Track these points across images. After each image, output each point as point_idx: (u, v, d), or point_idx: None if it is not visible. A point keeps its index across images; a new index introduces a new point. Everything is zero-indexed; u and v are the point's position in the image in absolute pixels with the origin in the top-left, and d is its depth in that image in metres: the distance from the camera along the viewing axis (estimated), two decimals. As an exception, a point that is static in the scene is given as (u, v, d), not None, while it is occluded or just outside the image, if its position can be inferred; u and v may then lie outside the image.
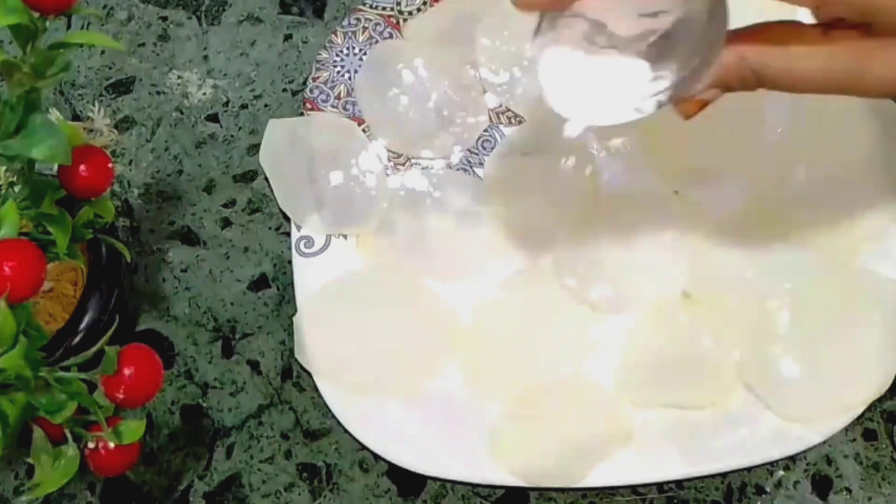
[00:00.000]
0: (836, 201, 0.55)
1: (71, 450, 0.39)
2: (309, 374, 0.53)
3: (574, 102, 0.38)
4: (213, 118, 0.63)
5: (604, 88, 0.38)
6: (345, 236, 0.57)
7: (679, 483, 0.52)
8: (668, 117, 0.58)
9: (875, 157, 0.55)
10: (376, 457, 0.52)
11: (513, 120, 0.60)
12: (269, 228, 0.60)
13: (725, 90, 0.39)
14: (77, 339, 0.49)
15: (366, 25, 0.62)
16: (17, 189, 0.42)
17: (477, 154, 0.60)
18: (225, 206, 0.60)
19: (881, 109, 0.56)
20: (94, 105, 0.59)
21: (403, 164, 0.59)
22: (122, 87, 0.64)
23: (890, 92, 0.36)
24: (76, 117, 0.63)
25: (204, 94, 0.64)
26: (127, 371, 0.39)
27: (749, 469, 0.51)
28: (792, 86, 0.37)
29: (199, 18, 0.66)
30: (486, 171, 0.59)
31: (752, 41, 0.37)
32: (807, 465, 0.52)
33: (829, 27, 0.36)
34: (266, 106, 0.63)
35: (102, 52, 0.65)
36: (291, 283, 0.56)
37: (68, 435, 0.39)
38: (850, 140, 0.56)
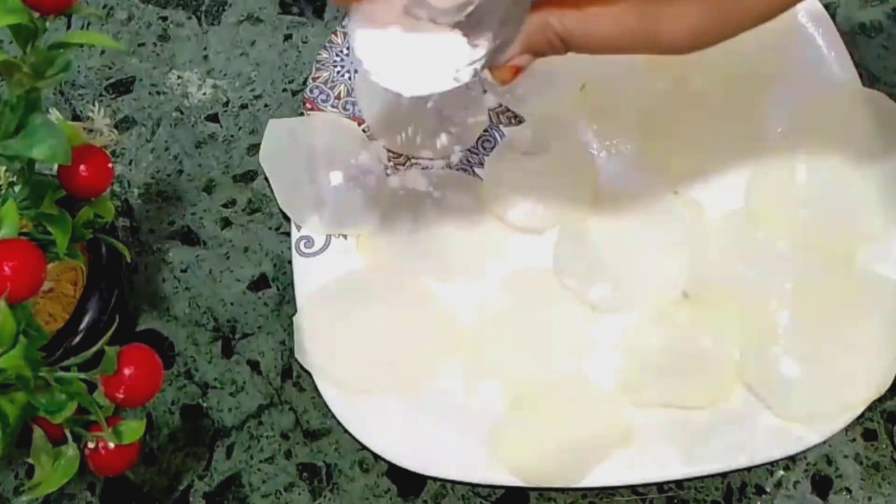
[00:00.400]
0: (837, 201, 0.55)
1: (71, 450, 0.39)
2: (309, 374, 0.53)
3: (393, 73, 0.39)
4: (213, 118, 0.63)
5: (422, 59, 0.39)
6: (345, 236, 0.57)
7: (679, 483, 0.52)
8: (668, 118, 0.59)
9: (875, 158, 0.55)
10: (376, 457, 0.52)
11: (513, 120, 0.60)
12: (269, 228, 0.60)
13: (536, 55, 0.40)
14: (77, 339, 0.49)
15: (366, 25, 0.61)
16: (17, 189, 0.42)
17: (477, 154, 0.60)
18: (225, 206, 0.60)
19: (882, 110, 0.56)
20: (94, 105, 0.59)
21: (403, 164, 0.59)
22: (122, 86, 0.64)
23: (681, 49, 0.38)
24: (76, 117, 0.63)
25: (204, 94, 0.64)
26: (127, 371, 0.39)
27: (749, 469, 0.51)
28: (594, 47, 0.39)
29: (199, 18, 0.66)
30: (486, 171, 0.59)
31: (554, 6, 0.38)
32: (807, 465, 0.52)
33: None
34: (266, 106, 0.63)
35: (102, 52, 0.65)
36: (291, 283, 0.56)
37: (68, 435, 0.39)
38: (851, 140, 0.56)
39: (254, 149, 0.61)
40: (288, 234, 0.58)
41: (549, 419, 0.52)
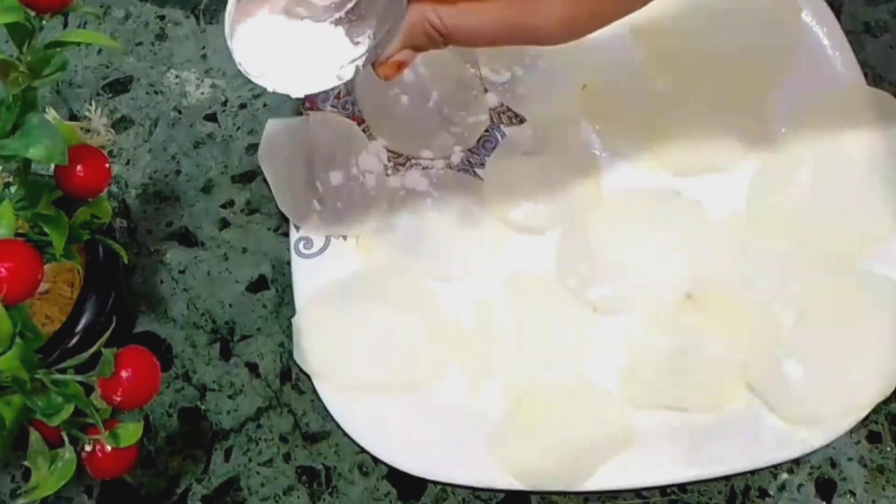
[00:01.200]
0: (841, 202, 0.55)
1: (68, 453, 0.39)
2: (308, 376, 0.53)
3: (276, 75, 0.40)
4: (212, 118, 0.63)
5: (304, 59, 0.40)
6: (345, 237, 0.57)
7: (682, 486, 0.51)
8: (670, 118, 0.58)
9: (880, 158, 0.55)
10: (376, 460, 0.52)
11: (513, 120, 0.60)
12: (268, 229, 0.59)
13: (417, 50, 0.41)
14: (74, 341, 0.49)
15: (365, 24, 0.61)
16: (13, 189, 0.42)
17: (477, 154, 0.59)
18: (223, 206, 0.60)
19: (887, 109, 0.56)
20: (91, 104, 0.59)
21: (403, 164, 0.59)
22: (120, 86, 0.64)
23: (553, 39, 0.39)
24: (73, 117, 0.62)
25: (202, 93, 0.63)
26: (124, 373, 0.39)
27: (753, 472, 0.51)
28: (471, 40, 0.40)
29: (196, 17, 0.66)
30: (486, 171, 0.59)
31: (433, 4, 0.39)
32: (811, 467, 0.52)
33: None
34: (265, 105, 0.63)
35: (99, 51, 0.65)
36: (290, 285, 0.55)
37: (65, 438, 0.39)
38: (855, 140, 0.56)
39: (252, 149, 0.61)
40: (287, 235, 0.57)
41: (551, 421, 0.52)
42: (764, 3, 0.60)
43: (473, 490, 0.52)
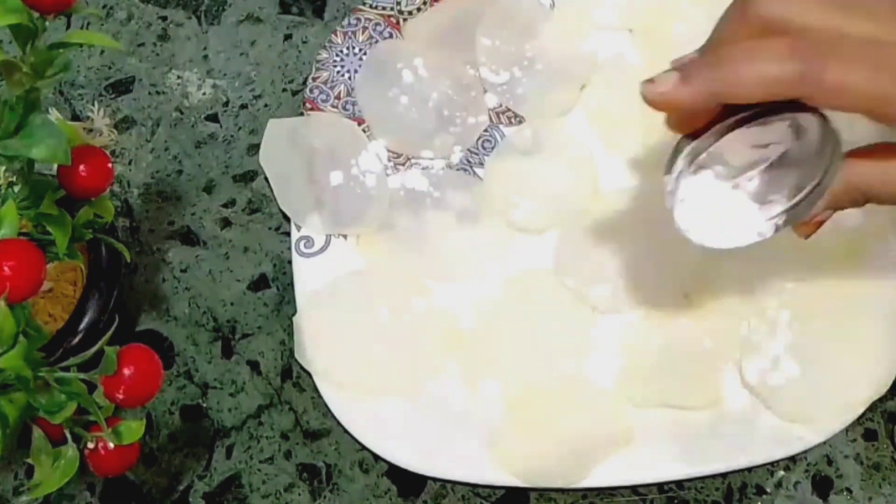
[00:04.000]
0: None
1: (70, 450, 0.39)
2: (309, 374, 0.53)
3: (705, 230, 0.42)
4: (213, 118, 0.63)
5: (727, 215, 0.42)
6: (345, 236, 0.57)
7: (679, 483, 0.52)
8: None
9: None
10: (376, 457, 0.52)
11: (513, 120, 0.60)
12: (269, 228, 0.60)
13: (837, 209, 0.42)
14: (77, 339, 0.49)
15: (366, 25, 0.62)
16: (16, 189, 0.42)
17: (477, 154, 0.59)
18: (225, 206, 0.60)
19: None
20: (93, 105, 0.59)
21: (403, 164, 0.59)
22: (122, 86, 0.64)
23: None
24: (76, 117, 0.63)
25: (204, 93, 0.63)
26: (126, 371, 0.39)
27: (749, 469, 0.51)
28: (893, 200, 0.40)
29: (198, 18, 0.66)
30: (486, 171, 0.59)
31: (860, 165, 0.40)
32: (807, 465, 0.52)
33: None
34: (266, 106, 0.63)
35: (102, 51, 0.65)
36: (291, 284, 0.56)
37: (68, 435, 0.39)
38: (851, 139, 0.56)
39: (254, 149, 0.61)
40: (288, 234, 0.58)
41: (550, 419, 0.52)
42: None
43: (473, 487, 0.52)
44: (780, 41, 0.37)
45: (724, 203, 0.41)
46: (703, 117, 0.40)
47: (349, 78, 0.61)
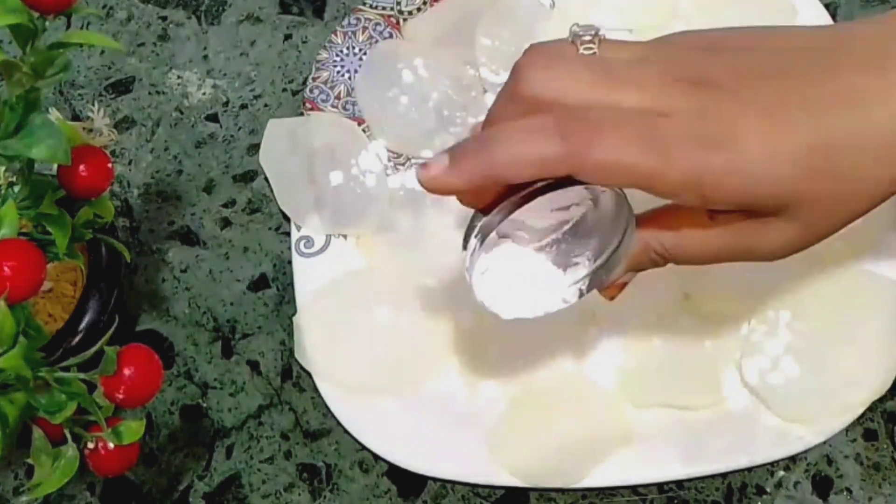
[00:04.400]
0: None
1: (70, 450, 0.39)
2: (309, 374, 0.53)
3: (509, 303, 0.42)
4: (213, 118, 0.63)
5: (530, 284, 0.42)
6: (345, 236, 0.57)
7: (679, 483, 0.52)
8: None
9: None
10: (376, 457, 0.52)
11: (513, 120, 0.60)
12: (269, 228, 0.60)
13: (639, 271, 0.43)
14: (77, 339, 0.49)
15: (366, 25, 0.62)
16: (16, 189, 0.42)
17: (477, 154, 0.59)
18: (225, 206, 0.60)
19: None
20: (93, 105, 0.59)
21: (403, 164, 0.59)
22: (122, 86, 0.64)
23: (777, 257, 0.40)
24: (76, 117, 0.63)
25: (204, 93, 0.64)
26: (126, 371, 0.39)
27: (749, 469, 0.51)
28: (692, 261, 0.41)
29: (198, 18, 0.66)
30: (486, 171, 0.59)
31: (652, 228, 0.41)
32: (807, 465, 0.52)
33: (714, 212, 0.39)
34: (266, 106, 0.63)
35: (102, 51, 0.65)
36: (291, 284, 0.56)
37: (68, 435, 0.39)
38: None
39: (254, 149, 0.61)
40: (288, 234, 0.58)
41: (549, 419, 0.52)
42: (760, 5, 0.60)
43: (473, 487, 0.52)
44: (546, 119, 0.36)
45: (527, 271, 0.41)
46: (491, 193, 0.39)
47: (349, 78, 0.61)
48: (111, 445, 0.40)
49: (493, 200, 0.39)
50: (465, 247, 0.40)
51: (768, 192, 0.37)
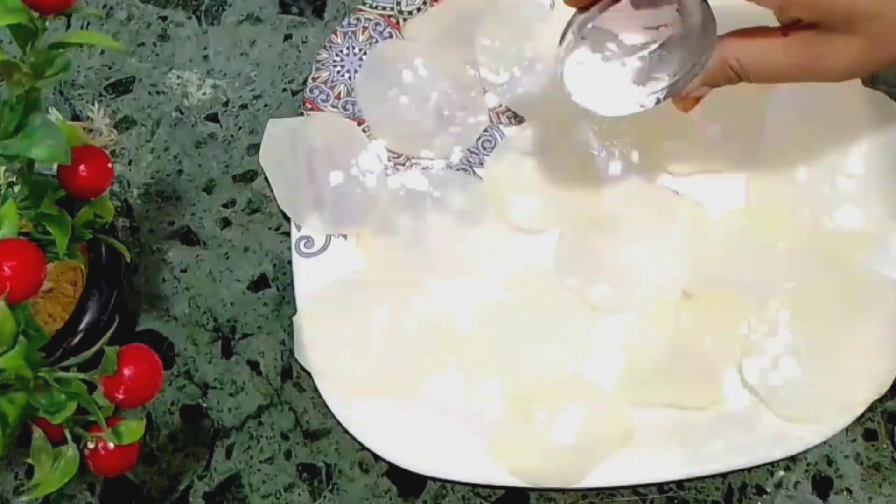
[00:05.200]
0: (837, 201, 0.55)
1: (70, 450, 0.39)
2: (309, 374, 0.53)
3: (590, 97, 0.46)
4: (213, 118, 0.63)
5: (614, 87, 0.46)
6: (345, 236, 0.57)
7: (679, 483, 0.52)
8: (668, 118, 0.59)
9: (876, 157, 0.55)
10: (376, 457, 0.52)
11: (513, 120, 0.60)
12: (269, 228, 0.60)
13: (713, 87, 0.46)
14: (77, 339, 0.50)
15: (366, 25, 0.62)
16: (16, 189, 0.42)
17: (477, 154, 0.59)
18: (225, 206, 0.60)
19: (883, 110, 0.56)
20: (93, 105, 0.59)
21: (403, 164, 0.59)
22: (122, 86, 0.64)
23: (841, 77, 0.43)
24: (76, 117, 0.63)
25: (204, 93, 0.64)
26: (126, 371, 0.39)
27: (749, 469, 0.51)
28: (765, 78, 0.45)
29: (198, 18, 0.66)
30: (486, 171, 0.59)
31: (731, 44, 0.44)
32: (807, 465, 0.52)
33: (789, 28, 0.43)
34: (266, 106, 0.63)
35: (102, 51, 0.65)
36: (291, 284, 0.56)
37: (68, 435, 0.39)
38: (851, 140, 0.56)
39: (254, 149, 0.61)
40: (288, 234, 0.58)
41: (550, 420, 0.52)
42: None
43: (473, 487, 0.52)
44: None
45: (611, 76, 0.45)
46: None
47: (349, 78, 0.61)
48: (111, 445, 0.40)
49: (593, 1, 0.43)
50: (561, 42, 0.45)
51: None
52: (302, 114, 0.60)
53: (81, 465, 0.40)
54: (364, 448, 0.52)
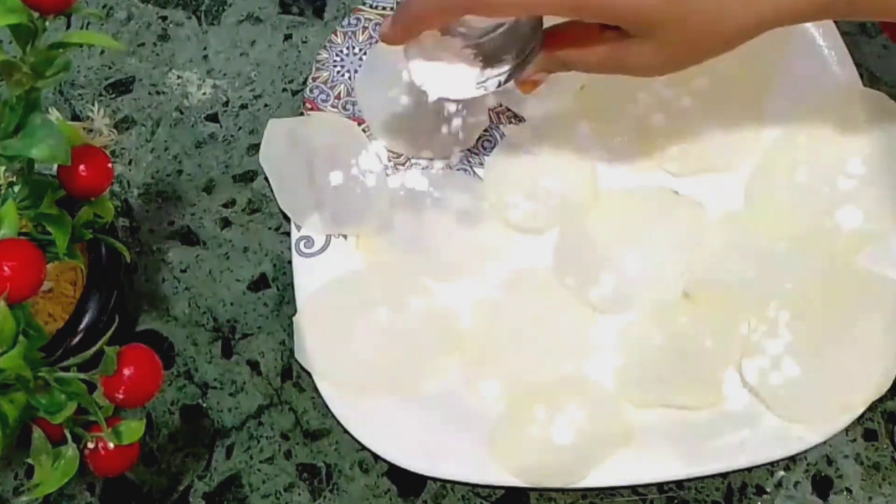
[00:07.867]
0: (837, 201, 0.55)
1: (70, 450, 0.39)
2: (309, 374, 0.53)
3: (435, 82, 0.50)
4: (213, 118, 0.63)
5: (457, 72, 0.49)
6: (345, 236, 0.57)
7: (679, 483, 0.52)
8: (668, 118, 0.59)
9: (876, 158, 0.55)
10: (376, 457, 0.52)
11: (512, 120, 0.60)
12: (269, 228, 0.60)
13: (548, 73, 0.51)
14: (77, 339, 0.49)
15: (366, 25, 0.62)
16: (16, 189, 0.42)
17: (477, 154, 0.60)
18: (225, 206, 0.60)
19: (883, 110, 0.56)
20: (93, 105, 0.59)
21: (403, 164, 0.59)
22: (122, 86, 0.64)
23: (643, 75, 0.48)
24: (76, 117, 0.63)
25: (204, 93, 0.64)
26: (126, 371, 0.39)
27: (749, 469, 0.51)
28: (582, 68, 0.49)
29: (198, 18, 0.66)
30: (486, 171, 0.59)
31: (556, 39, 0.49)
32: (807, 465, 0.52)
33: (604, 27, 0.47)
34: (266, 106, 0.63)
35: (102, 51, 0.65)
36: (291, 284, 0.56)
37: (68, 435, 0.39)
38: (851, 140, 0.56)
39: (254, 149, 0.61)
40: (288, 234, 0.58)
41: (550, 419, 0.52)
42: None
43: (473, 487, 0.52)
44: None
45: (458, 64, 0.49)
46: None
47: (349, 78, 0.61)
48: (111, 445, 0.40)
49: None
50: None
51: (625, 5, 0.43)
52: (302, 114, 0.60)
53: (81, 465, 0.40)
54: (364, 448, 0.52)
